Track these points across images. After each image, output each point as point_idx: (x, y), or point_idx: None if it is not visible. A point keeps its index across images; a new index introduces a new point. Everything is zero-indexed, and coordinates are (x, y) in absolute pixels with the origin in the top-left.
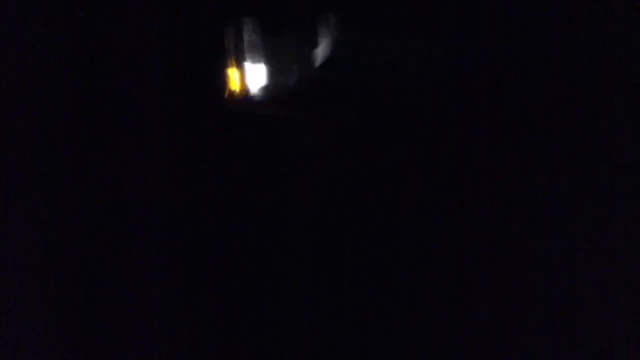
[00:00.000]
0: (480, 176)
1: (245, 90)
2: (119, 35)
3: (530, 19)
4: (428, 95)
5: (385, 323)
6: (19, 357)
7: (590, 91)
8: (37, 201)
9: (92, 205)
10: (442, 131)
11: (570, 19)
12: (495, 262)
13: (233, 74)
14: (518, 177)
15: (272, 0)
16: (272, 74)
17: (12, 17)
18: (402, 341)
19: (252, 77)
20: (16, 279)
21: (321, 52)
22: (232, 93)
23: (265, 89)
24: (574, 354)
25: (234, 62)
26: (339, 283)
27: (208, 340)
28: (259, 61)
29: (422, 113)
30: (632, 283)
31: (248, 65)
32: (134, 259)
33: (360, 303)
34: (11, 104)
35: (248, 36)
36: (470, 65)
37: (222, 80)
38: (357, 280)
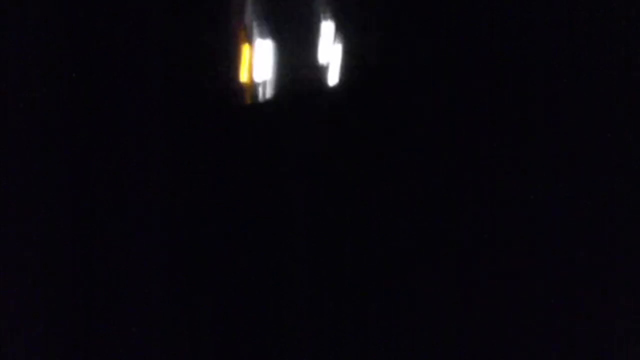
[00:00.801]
0: (480, 176)
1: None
2: (119, 35)
3: (530, 19)
4: (428, 95)
5: (385, 323)
6: (19, 357)
7: (590, 91)
8: (37, 201)
9: (92, 205)
10: (442, 131)
11: (570, 19)
12: (495, 262)
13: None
14: (518, 177)
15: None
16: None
17: (12, 17)
18: (402, 341)
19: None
20: (16, 279)
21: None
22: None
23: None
24: (574, 354)
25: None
26: (339, 283)
27: (208, 340)
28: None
29: (422, 113)
30: (632, 283)
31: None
32: (134, 259)
33: (360, 303)
34: (11, 104)
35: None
36: (471, 65)
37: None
38: (357, 280)
